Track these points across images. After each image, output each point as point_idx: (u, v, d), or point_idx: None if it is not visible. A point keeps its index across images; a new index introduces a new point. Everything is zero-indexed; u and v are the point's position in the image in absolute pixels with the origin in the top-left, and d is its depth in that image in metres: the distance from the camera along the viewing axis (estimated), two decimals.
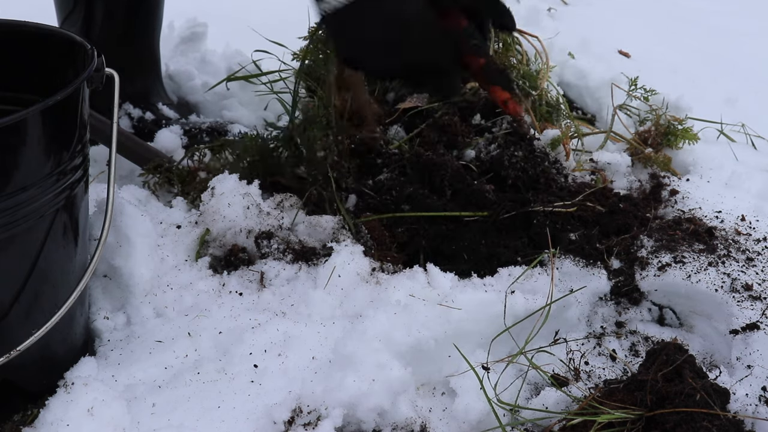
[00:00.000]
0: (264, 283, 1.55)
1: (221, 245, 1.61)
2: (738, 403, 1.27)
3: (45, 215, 1.19)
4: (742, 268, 1.56)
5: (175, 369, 1.36)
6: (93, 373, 1.33)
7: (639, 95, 2.15)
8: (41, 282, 1.24)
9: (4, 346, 1.19)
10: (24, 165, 1.13)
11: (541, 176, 1.79)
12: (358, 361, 1.31)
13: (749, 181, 1.92)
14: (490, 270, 1.60)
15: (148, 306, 1.47)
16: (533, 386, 1.43)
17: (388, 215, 1.67)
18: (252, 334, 1.40)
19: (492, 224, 1.68)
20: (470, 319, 1.43)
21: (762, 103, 2.52)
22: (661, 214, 1.78)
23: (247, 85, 2.25)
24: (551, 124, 2.02)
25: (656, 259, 1.58)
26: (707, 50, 3.02)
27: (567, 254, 1.61)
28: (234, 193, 1.62)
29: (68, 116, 1.21)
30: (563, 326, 1.52)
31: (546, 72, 2.13)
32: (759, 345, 1.39)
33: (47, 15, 2.02)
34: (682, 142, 2.03)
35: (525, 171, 1.77)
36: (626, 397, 1.27)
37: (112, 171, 1.36)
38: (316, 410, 1.28)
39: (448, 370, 1.39)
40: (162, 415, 1.26)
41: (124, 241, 1.49)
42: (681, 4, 3.61)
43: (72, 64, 1.31)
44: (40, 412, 1.25)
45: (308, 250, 1.61)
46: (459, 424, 1.33)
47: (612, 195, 1.80)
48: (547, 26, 2.94)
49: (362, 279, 1.54)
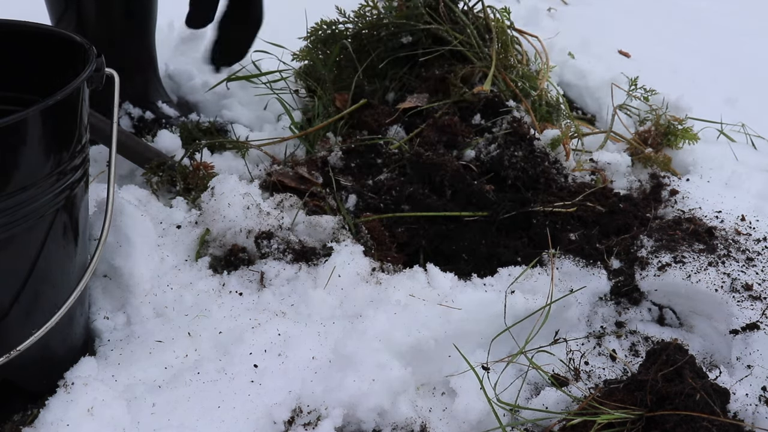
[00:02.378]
0: (264, 283, 1.55)
1: (221, 245, 1.61)
2: (738, 403, 1.27)
3: (45, 215, 1.19)
4: (742, 268, 1.56)
5: (175, 369, 1.36)
6: (93, 373, 1.33)
7: (639, 95, 2.15)
8: (41, 282, 1.24)
9: (4, 346, 1.19)
10: (24, 165, 1.13)
11: (541, 176, 1.79)
12: (358, 361, 1.31)
13: (749, 181, 1.92)
14: (490, 270, 1.60)
15: (148, 306, 1.47)
16: (533, 386, 1.43)
17: (388, 215, 1.68)
18: (252, 334, 1.40)
19: (492, 224, 1.68)
20: (470, 319, 1.43)
21: (762, 103, 2.52)
22: (661, 214, 1.78)
23: (247, 85, 2.25)
24: (551, 124, 2.02)
25: (656, 259, 1.58)
26: (707, 50, 3.02)
27: (567, 254, 1.61)
28: (234, 193, 1.62)
29: (68, 116, 1.21)
30: (563, 326, 1.52)
31: (546, 72, 2.13)
32: (759, 345, 1.39)
33: (47, 15, 2.02)
34: (682, 142, 2.03)
35: (525, 171, 1.77)
36: (626, 397, 1.27)
37: (112, 171, 1.36)
38: (316, 410, 1.28)
39: (448, 370, 1.39)
40: (162, 415, 1.26)
41: (124, 241, 1.49)
42: (681, 4, 3.61)
43: (72, 64, 1.31)
44: (40, 412, 1.25)
45: (308, 250, 1.61)
46: (459, 424, 1.33)
47: (612, 195, 1.81)
48: (547, 26, 2.94)
49: (362, 279, 1.54)
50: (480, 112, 1.95)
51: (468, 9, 2.16)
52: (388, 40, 2.10)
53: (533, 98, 2.04)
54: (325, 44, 2.15)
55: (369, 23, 2.10)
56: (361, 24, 2.12)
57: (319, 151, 1.88)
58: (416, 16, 2.06)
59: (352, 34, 2.13)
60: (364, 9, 2.11)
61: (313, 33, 2.15)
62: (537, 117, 2.00)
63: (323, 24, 2.13)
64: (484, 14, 2.14)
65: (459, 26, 2.10)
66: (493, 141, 1.83)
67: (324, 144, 1.92)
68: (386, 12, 2.14)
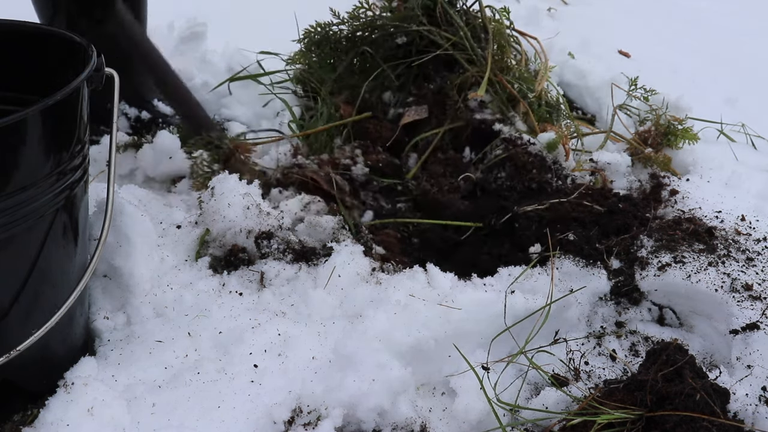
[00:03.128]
0: (264, 283, 1.55)
1: (221, 245, 1.61)
2: (738, 403, 1.27)
3: (45, 215, 1.19)
4: (742, 268, 1.56)
5: (175, 369, 1.36)
6: (93, 373, 1.33)
7: (639, 95, 2.15)
8: (41, 282, 1.24)
9: (4, 346, 1.19)
10: (24, 165, 1.13)
11: (533, 183, 1.83)
12: (358, 361, 1.31)
13: (749, 181, 1.92)
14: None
15: (148, 306, 1.47)
16: (533, 386, 1.43)
17: (390, 220, 1.73)
18: (252, 334, 1.40)
19: (484, 235, 1.76)
20: (470, 319, 1.43)
21: (762, 103, 2.52)
22: (661, 214, 1.78)
23: (246, 85, 2.26)
24: (551, 125, 2.02)
25: (656, 259, 1.58)
26: (707, 50, 3.02)
27: (567, 254, 1.61)
28: (234, 193, 1.62)
29: (68, 116, 1.21)
30: (563, 326, 1.52)
31: (545, 73, 2.13)
32: (759, 345, 1.39)
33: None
34: (682, 142, 2.03)
35: (512, 188, 1.84)
36: (626, 397, 1.27)
37: (112, 171, 1.36)
38: (316, 410, 1.28)
39: (448, 370, 1.39)
40: (162, 415, 1.26)
41: (124, 241, 1.49)
42: (681, 4, 3.61)
43: (72, 64, 1.31)
44: (40, 412, 1.25)
45: (308, 250, 1.61)
46: (459, 424, 1.33)
47: (612, 195, 1.81)
48: (547, 26, 2.94)
49: (362, 279, 1.54)
50: (469, 144, 2.00)
51: (465, 9, 2.15)
52: (384, 41, 2.10)
53: (530, 100, 2.04)
54: (319, 46, 2.14)
55: (363, 25, 2.10)
56: (355, 25, 2.11)
57: (341, 158, 1.89)
58: (411, 17, 2.05)
59: (346, 36, 2.12)
60: (358, 11, 2.10)
61: (307, 35, 2.15)
62: (536, 117, 2.00)
63: (318, 26, 2.12)
64: (481, 14, 2.13)
65: (454, 28, 2.09)
66: (486, 170, 1.89)
67: (343, 152, 1.92)
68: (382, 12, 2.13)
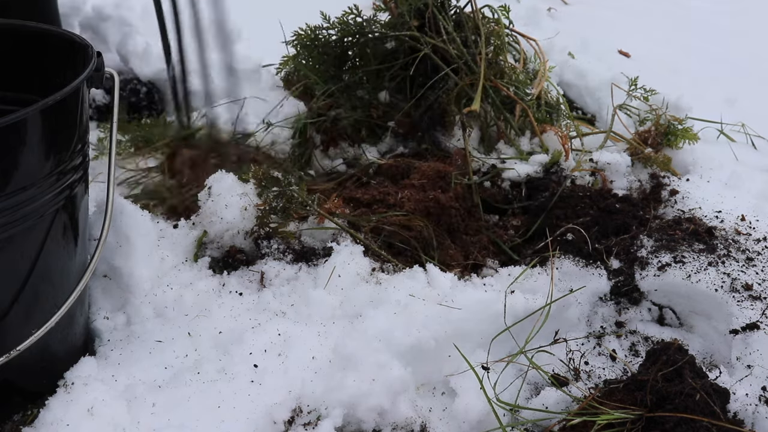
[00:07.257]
0: (264, 283, 1.55)
1: (219, 247, 1.60)
2: (738, 403, 1.27)
3: (45, 215, 1.19)
4: (742, 267, 1.56)
5: (175, 369, 1.36)
6: (93, 373, 1.33)
7: (639, 95, 2.15)
8: (41, 282, 1.24)
9: (4, 346, 1.19)
10: (24, 165, 1.13)
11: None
12: (358, 360, 1.31)
13: (749, 181, 1.92)
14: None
15: (148, 306, 1.47)
16: (533, 386, 1.43)
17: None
18: (252, 334, 1.40)
19: None
20: (470, 319, 1.43)
21: (762, 103, 2.52)
22: (660, 214, 1.78)
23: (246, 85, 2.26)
24: (550, 125, 2.02)
25: (656, 259, 1.58)
26: (707, 50, 3.02)
27: (566, 254, 1.61)
28: (231, 194, 1.61)
29: (68, 116, 1.21)
30: (563, 326, 1.52)
31: (544, 74, 2.12)
32: (759, 345, 1.39)
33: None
34: (682, 142, 2.03)
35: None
36: (626, 397, 1.27)
37: (112, 171, 1.36)
38: (316, 410, 1.28)
39: (448, 369, 1.39)
40: (162, 415, 1.26)
41: (124, 241, 1.49)
42: (681, 4, 3.61)
43: (72, 64, 1.31)
44: (40, 412, 1.25)
45: (308, 250, 1.61)
46: (459, 424, 1.33)
47: (611, 195, 1.81)
48: (547, 26, 2.94)
49: (362, 279, 1.54)
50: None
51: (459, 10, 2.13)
52: (374, 45, 2.09)
53: (528, 103, 2.03)
54: (308, 49, 2.14)
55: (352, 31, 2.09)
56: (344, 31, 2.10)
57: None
58: (401, 24, 2.04)
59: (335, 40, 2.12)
60: (347, 16, 2.10)
61: (297, 38, 2.15)
62: (535, 119, 2.00)
63: (308, 29, 2.12)
64: (474, 18, 2.10)
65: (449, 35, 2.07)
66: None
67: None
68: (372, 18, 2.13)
